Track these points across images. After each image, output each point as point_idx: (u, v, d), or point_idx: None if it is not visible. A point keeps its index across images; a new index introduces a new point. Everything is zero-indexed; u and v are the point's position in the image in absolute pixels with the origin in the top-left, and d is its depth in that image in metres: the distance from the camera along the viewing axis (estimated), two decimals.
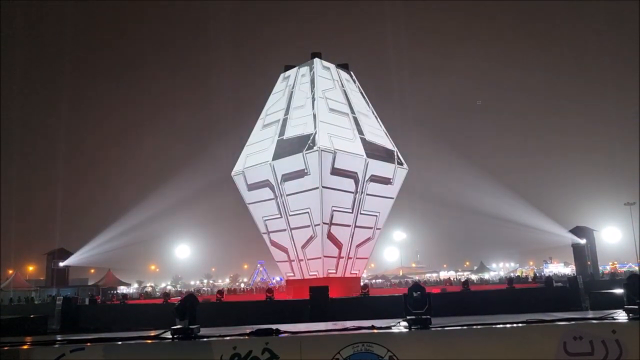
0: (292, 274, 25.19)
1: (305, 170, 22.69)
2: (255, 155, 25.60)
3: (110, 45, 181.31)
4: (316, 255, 23.41)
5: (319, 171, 22.18)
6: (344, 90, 26.38)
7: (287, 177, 23.49)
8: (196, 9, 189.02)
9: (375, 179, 24.43)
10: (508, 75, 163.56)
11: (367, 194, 24.25)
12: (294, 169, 23.09)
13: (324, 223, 22.75)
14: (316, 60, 26.25)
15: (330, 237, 23.26)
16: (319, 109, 23.88)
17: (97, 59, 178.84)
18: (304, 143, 23.03)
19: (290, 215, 23.84)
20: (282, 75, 28.19)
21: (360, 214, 24.24)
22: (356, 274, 25.51)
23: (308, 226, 23.28)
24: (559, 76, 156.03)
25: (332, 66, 27.08)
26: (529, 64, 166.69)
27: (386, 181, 25.11)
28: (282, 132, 24.96)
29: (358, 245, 24.64)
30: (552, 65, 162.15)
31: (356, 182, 23.77)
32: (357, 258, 24.82)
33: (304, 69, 26.81)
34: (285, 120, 25.36)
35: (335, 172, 22.78)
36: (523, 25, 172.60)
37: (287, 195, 23.70)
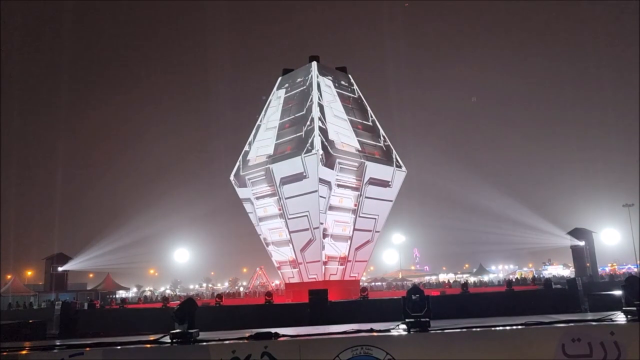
0: (291, 277, 25.21)
1: (304, 174, 22.73)
2: (254, 158, 25.69)
3: (108, 47, 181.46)
4: (315, 258, 23.43)
5: (317, 174, 22.23)
6: (342, 94, 26.43)
7: (286, 180, 23.53)
8: (194, 11, 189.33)
9: (374, 181, 24.47)
10: (507, 77, 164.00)
11: (366, 197, 24.26)
12: (293, 172, 23.13)
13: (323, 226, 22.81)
14: (314, 64, 26.28)
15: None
16: (318, 112, 23.92)
17: (96, 62, 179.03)
18: (302, 146, 23.08)
19: (289, 219, 23.87)
20: (280, 79, 28.25)
21: (359, 216, 24.27)
22: (355, 277, 25.50)
23: (307, 229, 23.30)
24: (557, 77, 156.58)
25: (330, 69, 27.14)
26: (527, 65, 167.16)
27: (385, 184, 25.14)
28: (280, 136, 25.03)
29: (357, 248, 24.66)
30: (551, 67, 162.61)
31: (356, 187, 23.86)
32: (356, 261, 24.82)
33: (302, 73, 26.86)
34: (283, 124, 25.44)
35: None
36: (522, 26, 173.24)
37: (286, 198, 23.73)
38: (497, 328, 5.41)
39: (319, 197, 22.34)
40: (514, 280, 39.49)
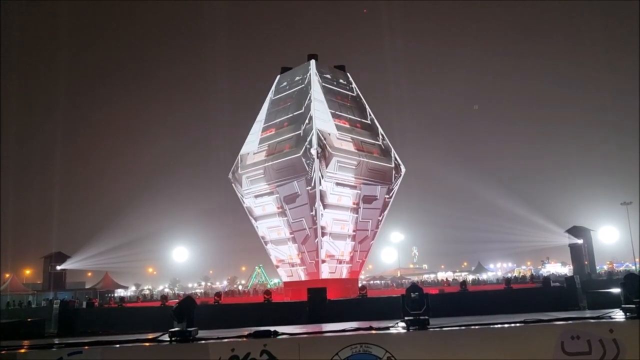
0: (290, 276, 25.28)
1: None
2: (252, 157, 25.85)
3: (108, 47, 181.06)
4: (314, 257, 23.63)
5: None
6: (340, 93, 26.42)
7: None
8: (194, 11, 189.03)
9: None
10: (505, 77, 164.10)
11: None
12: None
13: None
14: (312, 62, 26.22)
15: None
16: (316, 113, 23.94)
17: (95, 62, 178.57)
18: (301, 144, 23.33)
19: (292, 222, 24.47)
20: (278, 77, 28.19)
21: (360, 221, 24.78)
22: (354, 276, 25.56)
23: (304, 229, 23.74)
24: (556, 77, 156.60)
25: (328, 68, 27.10)
26: (526, 65, 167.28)
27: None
28: (279, 134, 25.08)
29: (358, 243, 25.00)
30: (549, 66, 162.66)
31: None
32: (356, 259, 24.95)
33: (301, 71, 26.82)
34: (282, 122, 25.45)
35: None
36: (520, 27, 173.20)
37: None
38: (496, 326, 5.40)
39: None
40: (512, 278, 39.54)
